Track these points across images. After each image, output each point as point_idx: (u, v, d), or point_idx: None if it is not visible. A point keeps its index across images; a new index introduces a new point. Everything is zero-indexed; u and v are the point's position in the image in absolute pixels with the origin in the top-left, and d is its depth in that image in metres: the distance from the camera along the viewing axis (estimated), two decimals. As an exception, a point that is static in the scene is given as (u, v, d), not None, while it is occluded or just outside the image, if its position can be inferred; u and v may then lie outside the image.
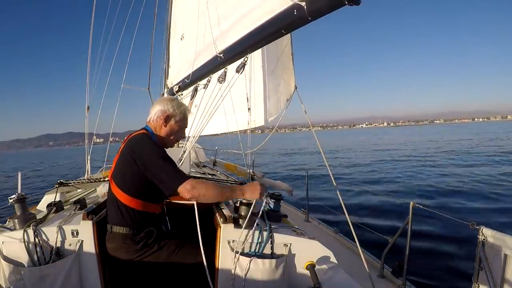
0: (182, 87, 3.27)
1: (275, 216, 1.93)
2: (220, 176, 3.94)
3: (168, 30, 4.24)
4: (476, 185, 9.38)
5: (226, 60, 2.11)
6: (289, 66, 3.92)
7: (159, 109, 1.82)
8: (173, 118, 1.82)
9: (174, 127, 1.83)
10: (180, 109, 1.85)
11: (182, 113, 1.85)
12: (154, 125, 1.82)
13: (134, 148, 1.64)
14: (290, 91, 3.95)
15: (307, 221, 4.61)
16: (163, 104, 1.83)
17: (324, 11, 1.27)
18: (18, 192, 1.82)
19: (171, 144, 1.91)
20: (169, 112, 1.81)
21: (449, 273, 4.00)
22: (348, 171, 13.77)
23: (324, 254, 1.62)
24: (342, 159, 19.03)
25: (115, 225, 1.67)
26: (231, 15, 2.22)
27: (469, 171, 11.88)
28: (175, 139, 1.89)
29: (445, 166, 13.91)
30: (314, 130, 3.06)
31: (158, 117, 1.81)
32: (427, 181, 10.32)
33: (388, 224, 5.78)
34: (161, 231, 1.79)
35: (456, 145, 26.28)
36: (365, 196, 8.16)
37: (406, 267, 2.63)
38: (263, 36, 1.72)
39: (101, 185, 2.43)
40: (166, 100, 1.87)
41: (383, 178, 11.49)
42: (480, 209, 6.90)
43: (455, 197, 7.97)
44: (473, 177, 10.58)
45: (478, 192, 8.46)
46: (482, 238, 1.98)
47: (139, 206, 1.67)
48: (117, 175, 1.70)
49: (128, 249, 1.66)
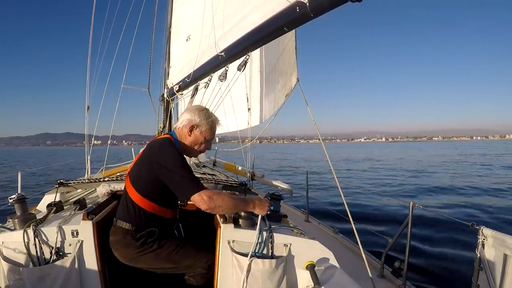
0: (183, 86, 3.27)
1: (275, 216, 1.93)
2: (220, 176, 3.94)
3: (168, 30, 4.24)
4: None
5: (227, 59, 2.11)
6: (291, 60, 3.92)
7: (186, 118, 1.80)
8: (199, 128, 1.79)
9: (199, 137, 1.80)
10: (208, 120, 1.80)
11: (209, 124, 1.80)
12: (180, 132, 1.81)
13: (154, 149, 1.66)
14: (291, 86, 3.94)
15: (307, 221, 4.61)
16: (191, 113, 1.80)
17: (327, 8, 1.27)
18: (18, 192, 1.82)
19: (194, 154, 1.88)
20: (195, 122, 1.78)
21: (449, 273, 4.00)
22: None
23: (324, 254, 1.62)
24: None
25: (119, 220, 1.70)
26: (234, 14, 2.22)
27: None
28: (199, 150, 1.85)
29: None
30: (312, 142, 3.04)
31: (184, 125, 1.79)
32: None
33: (388, 224, 5.79)
34: (172, 235, 1.81)
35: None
36: (365, 196, 8.17)
37: (406, 267, 2.63)
38: (265, 33, 1.71)
39: (101, 185, 2.42)
40: (195, 109, 1.84)
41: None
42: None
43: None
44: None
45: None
46: (482, 238, 1.97)
47: (148, 206, 1.68)
48: (134, 173, 1.73)
49: (128, 244, 1.67)
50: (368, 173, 17.50)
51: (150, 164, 1.63)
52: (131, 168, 1.78)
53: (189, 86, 3.07)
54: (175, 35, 4.14)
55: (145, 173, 1.66)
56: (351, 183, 9.06)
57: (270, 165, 17.50)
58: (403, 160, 29.57)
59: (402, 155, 38.51)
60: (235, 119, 3.93)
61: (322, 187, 9.58)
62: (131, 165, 1.83)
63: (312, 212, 4.93)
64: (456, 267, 4.09)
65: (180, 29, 4.00)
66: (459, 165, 21.58)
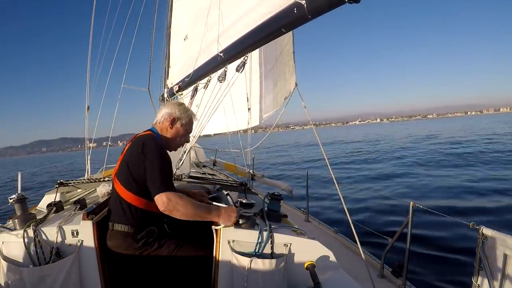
0: (182, 86, 3.27)
1: (275, 216, 1.93)
2: (220, 176, 3.94)
3: (168, 30, 4.24)
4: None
5: (226, 59, 2.11)
6: (289, 64, 3.93)
7: (166, 112, 1.88)
8: (179, 121, 1.88)
9: (180, 130, 1.88)
10: (187, 113, 1.91)
11: (188, 117, 1.91)
12: (161, 127, 1.88)
13: (139, 146, 1.67)
14: (290, 89, 3.95)
15: (307, 221, 4.61)
16: (170, 107, 1.90)
17: (324, 9, 1.27)
18: (18, 192, 1.82)
19: (175, 147, 1.94)
20: (175, 115, 1.87)
21: (449, 273, 4.00)
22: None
23: (324, 254, 1.62)
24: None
25: (116, 223, 1.68)
26: (232, 15, 2.23)
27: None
28: (179, 143, 1.93)
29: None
30: (307, 128, 3.06)
31: (165, 119, 1.87)
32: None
33: (388, 224, 5.79)
34: (163, 231, 1.80)
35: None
36: (365, 196, 8.17)
37: (406, 267, 2.63)
38: (263, 35, 1.72)
39: (101, 185, 2.43)
40: (173, 103, 1.94)
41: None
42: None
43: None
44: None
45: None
46: (482, 238, 1.97)
47: (142, 204, 1.68)
48: (121, 173, 1.71)
49: (128, 247, 1.67)
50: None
51: (139, 160, 1.63)
52: (117, 169, 1.75)
53: (189, 86, 3.07)
54: (175, 35, 4.14)
55: (135, 171, 1.65)
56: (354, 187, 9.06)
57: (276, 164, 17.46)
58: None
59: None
60: (235, 119, 3.94)
61: (322, 187, 9.58)
62: (116, 167, 1.80)
63: (312, 212, 4.94)
64: (456, 267, 4.09)
65: (180, 29, 4.00)
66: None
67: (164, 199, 1.53)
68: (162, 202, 1.53)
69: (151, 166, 1.60)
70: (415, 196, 8.11)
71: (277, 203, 2.00)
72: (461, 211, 6.47)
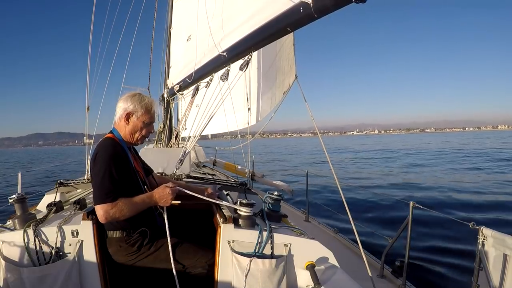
0: (183, 86, 3.27)
1: (275, 216, 1.93)
2: (220, 176, 3.94)
3: (168, 30, 4.24)
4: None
5: (229, 59, 2.10)
6: (289, 57, 3.92)
7: (120, 107, 1.77)
8: (135, 114, 1.76)
9: (137, 123, 1.77)
10: (142, 103, 1.76)
11: (143, 108, 1.76)
12: (119, 125, 1.79)
13: (93, 154, 1.68)
14: (289, 83, 3.95)
15: (307, 221, 4.61)
16: (124, 102, 1.77)
17: (331, 9, 1.27)
18: (18, 192, 1.82)
19: (138, 142, 1.85)
20: (129, 109, 1.75)
21: (449, 273, 4.00)
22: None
23: (324, 254, 1.62)
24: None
25: (108, 230, 1.70)
26: (236, 14, 2.22)
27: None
28: (141, 136, 1.82)
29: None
30: (304, 136, 3.05)
31: (121, 115, 1.77)
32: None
33: (388, 224, 5.78)
34: (155, 229, 1.77)
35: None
36: (365, 196, 8.16)
37: (406, 267, 2.63)
38: (269, 34, 1.71)
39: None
40: (126, 96, 1.79)
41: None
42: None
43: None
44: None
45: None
46: (482, 238, 1.97)
47: None
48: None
49: (125, 252, 1.67)
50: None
51: (92, 166, 1.65)
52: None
53: (190, 86, 3.07)
54: (176, 35, 4.14)
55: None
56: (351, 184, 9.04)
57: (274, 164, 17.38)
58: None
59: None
60: (234, 118, 3.93)
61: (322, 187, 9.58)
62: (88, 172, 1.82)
63: (312, 212, 4.93)
64: (456, 267, 4.09)
65: (181, 29, 4.00)
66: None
67: (101, 213, 1.55)
68: (99, 215, 1.56)
69: (94, 177, 1.62)
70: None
71: (277, 203, 2.00)
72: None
